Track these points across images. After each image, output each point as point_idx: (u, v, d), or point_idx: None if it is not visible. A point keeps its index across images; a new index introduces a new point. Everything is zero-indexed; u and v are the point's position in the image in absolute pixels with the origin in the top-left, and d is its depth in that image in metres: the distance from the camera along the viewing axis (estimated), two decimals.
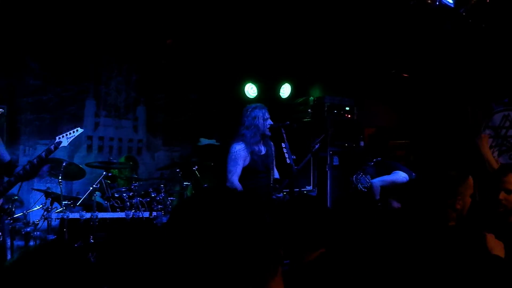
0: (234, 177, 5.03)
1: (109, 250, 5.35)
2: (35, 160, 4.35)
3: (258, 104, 5.37)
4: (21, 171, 4.25)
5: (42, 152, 4.31)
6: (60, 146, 4.45)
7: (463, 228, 2.88)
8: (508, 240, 2.83)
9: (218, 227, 1.26)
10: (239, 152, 5.08)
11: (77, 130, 4.58)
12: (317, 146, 6.36)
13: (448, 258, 2.66)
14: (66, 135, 4.50)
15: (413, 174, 6.38)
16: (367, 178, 6.30)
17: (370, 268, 2.50)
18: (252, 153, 5.12)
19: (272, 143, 5.34)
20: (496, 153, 6.10)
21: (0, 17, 6.69)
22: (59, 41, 7.33)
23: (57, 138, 4.49)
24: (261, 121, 5.14)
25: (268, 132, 5.18)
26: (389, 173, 6.37)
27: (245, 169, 5.11)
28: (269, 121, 5.18)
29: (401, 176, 6.31)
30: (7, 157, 4.43)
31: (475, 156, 5.80)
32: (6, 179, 4.36)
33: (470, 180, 2.97)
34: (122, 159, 7.50)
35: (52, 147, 4.39)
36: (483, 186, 3.93)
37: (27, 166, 4.25)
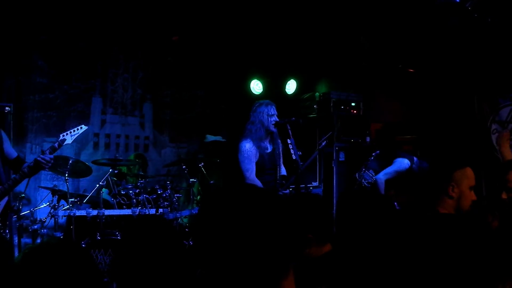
0: (253, 175, 5.11)
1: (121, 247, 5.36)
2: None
3: (266, 100, 5.42)
4: (25, 169, 4.29)
5: (46, 150, 4.34)
6: (64, 143, 4.48)
7: (455, 217, 2.87)
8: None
9: (240, 225, 1.26)
10: (250, 149, 5.15)
11: (81, 128, 4.60)
12: (324, 144, 6.35)
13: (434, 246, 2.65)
14: (70, 132, 4.53)
15: (415, 158, 6.29)
16: (370, 173, 6.27)
17: (377, 265, 2.49)
18: (259, 148, 5.16)
19: (279, 141, 5.36)
20: None
21: (7, 15, 6.73)
22: (66, 39, 7.36)
23: (61, 135, 4.52)
24: (265, 116, 5.17)
25: (272, 128, 5.19)
26: (390, 162, 6.30)
27: None
28: (275, 118, 5.20)
29: (403, 163, 6.22)
30: (13, 153, 4.47)
31: (484, 152, 5.76)
32: (13, 176, 4.39)
33: (468, 170, 2.95)
34: (132, 157, 7.48)
35: (56, 144, 4.42)
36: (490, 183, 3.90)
37: (32, 164, 4.28)
